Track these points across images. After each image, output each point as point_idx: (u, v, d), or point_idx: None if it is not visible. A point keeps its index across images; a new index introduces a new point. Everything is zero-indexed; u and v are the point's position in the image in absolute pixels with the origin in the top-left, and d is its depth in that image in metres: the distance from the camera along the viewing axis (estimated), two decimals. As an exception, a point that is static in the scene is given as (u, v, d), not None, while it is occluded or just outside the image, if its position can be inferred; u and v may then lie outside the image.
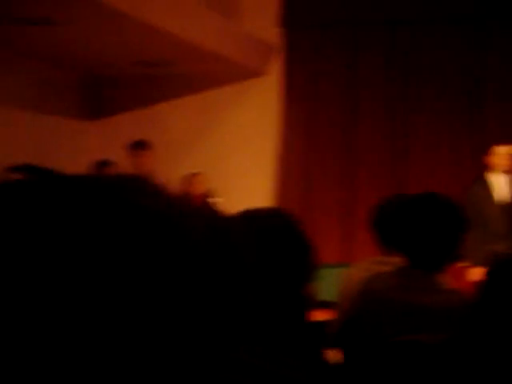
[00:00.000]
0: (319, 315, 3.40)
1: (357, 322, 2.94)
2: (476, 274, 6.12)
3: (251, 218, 1.86)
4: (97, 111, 9.21)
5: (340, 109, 8.58)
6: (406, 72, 8.40)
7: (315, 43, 8.60)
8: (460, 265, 6.15)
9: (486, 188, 6.85)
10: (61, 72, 8.55)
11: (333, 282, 3.69)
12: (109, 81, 9.06)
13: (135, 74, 8.76)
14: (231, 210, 4.39)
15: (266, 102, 8.76)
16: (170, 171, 8.56)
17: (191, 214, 0.80)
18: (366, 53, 8.47)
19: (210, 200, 8.11)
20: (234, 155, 8.80)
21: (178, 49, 7.36)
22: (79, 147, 8.94)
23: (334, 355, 3.21)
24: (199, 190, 7.96)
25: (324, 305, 3.84)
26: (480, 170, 7.15)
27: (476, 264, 6.27)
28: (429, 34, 8.28)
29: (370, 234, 8.28)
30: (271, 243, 1.82)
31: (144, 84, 8.96)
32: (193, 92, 8.94)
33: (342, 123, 8.59)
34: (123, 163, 8.11)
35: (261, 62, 8.59)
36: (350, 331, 3.10)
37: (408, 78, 8.41)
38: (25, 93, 8.05)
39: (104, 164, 7.92)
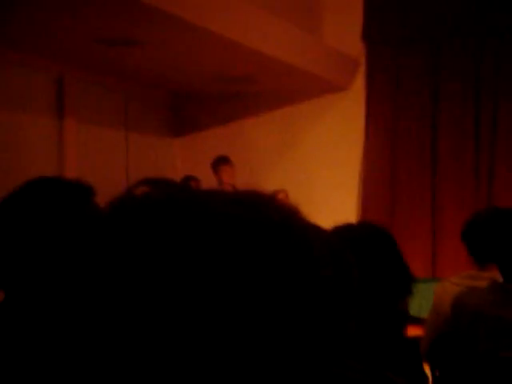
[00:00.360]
0: (410, 331, 3.36)
1: (450, 337, 2.89)
2: None
3: (347, 233, 1.85)
4: (181, 128, 9.33)
5: (422, 123, 8.49)
6: (491, 86, 8.25)
7: (397, 57, 8.54)
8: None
9: None
10: (147, 90, 8.71)
11: (420, 298, 3.64)
12: (192, 98, 9.17)
13: (218, 91, 8.85)
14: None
15: (349, 116, 8.73)
16: (253, 187, 8.60)
17: (313, 230, 0.82)
18: (448, 67, 8.37)
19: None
20: (318, 171, 8.78)
21: (260, 64, 7.41)
22: (164, 163, 9.07)
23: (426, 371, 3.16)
24: (283, 205, 7.96)
25: (414, 320, 3.79)
26: None
27: None
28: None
29: (455, 249, 8.16)
30: (370, 259, 1.81)
31: (227, 100, 9.04)
32: (275, 108, 8.98)
33: (424, 137, 8.50)
34: (207, 179, 8.20)
35: (343, 77, 8.57)
36: (442, 346, 3.06)
37: (492, 92, 8.26)
38: (113, 111, 8.23)
39: (188, 180, 8.03)
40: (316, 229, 0.90)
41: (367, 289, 1.76)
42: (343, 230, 1.88)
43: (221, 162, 8.18)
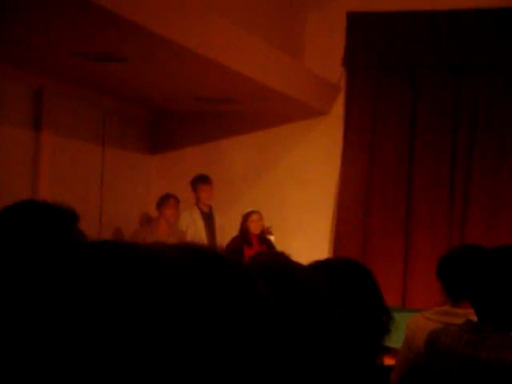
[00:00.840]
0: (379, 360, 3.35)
1: (421, 373, 2.88)
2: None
3: (327, 269, 1.84)
4: (158, 145, 9.30)
5: (399, 150, 8.54)
6: (468, 117, 8.31)
7: (376, 84, 8.59)
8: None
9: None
10: (126, 106, 8.67)
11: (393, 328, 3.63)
12: (171, 116, 9.16)
13: (198, 110, 8.85)
14: (288, 249, 4.36)
15: (327, 140, 8.76)
16: (229, 207, 8.59)
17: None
18: (427, 96, 8.43)
19: (267, 238, 8.11)
20: (293, 193, 8.79)
21: (241, 86, 7.41)
22: (139, 180, 9.03)
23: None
24: (256, 227, 7.96)
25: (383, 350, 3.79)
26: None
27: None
28: (494, 82, 8.19)
29: (426, 279, 8.18)
30: (350, 296, 1.80)
31: (206, 120, 9.04)
32: (254, 129, 8.99)
33: (401, 164, 8.54)
34: (182, 198, 8.18)
35: (323, 101, 8.60)
36: (413, 381, 3.04)
37: (469, 122, 8.32)
38: (91, 125, 8.19)
39: (167, 197, 8.02)
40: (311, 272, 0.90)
41: (346, 327, 1.74)
42: (322, 267, 1.87)
43: (200, 181, 8.19)
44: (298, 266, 1.37)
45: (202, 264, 0.79)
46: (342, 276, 1.86)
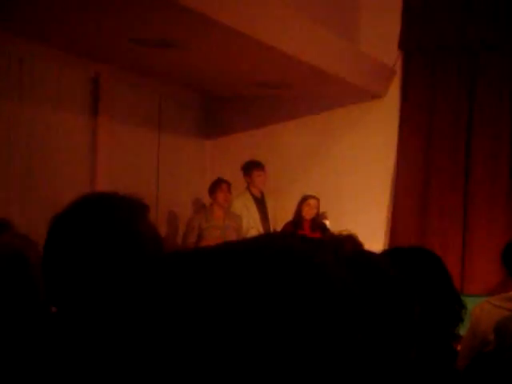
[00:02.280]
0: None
1: (489, 360, 2.84)
2: None
3: (401, 258, 1.82)
4: (213, 130, 9.32)
5: (457, 133, 8.42)
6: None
7: (433, 67, 8.48)
8: None
9: None
10: (181, 91, 8.70)
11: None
12: (226, 100, 9.16)
13: (252, 95, 8.83)
14: (344, 233, 4.33)
15: (383, 124, 8.68)
16: (284, 192, 8.58)
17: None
18: (484, 77, 8.29)
19: (322, 222, 8.09)
20: (349, 178, 8.73)
21: (296, 70, 7.37)
22: (194, 165, 9.07)
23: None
24: (312, 212, 7.94)
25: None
26: None
27: None
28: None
29: (484, 265, 8.09)
30: (424, 285, 1.78)
31: (260, 104, 9.02)
32: (309, 113, 8.94)
33: (459, 147, 8.42)
34: (236, 182, 8.19)
35: (378, 85, 8.52)
36: (480, 369, 3.00)
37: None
38: (147, 111, 8.24)
39: (219, 182, 8.03)
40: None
41: (423, 317, 1.72)
42: (395, 255, 1.84)
43: (254, 167, 8.17)
44: (378, 255, 1.36)
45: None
46: (415, 265, 1.84)
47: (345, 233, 3.14)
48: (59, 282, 1.60)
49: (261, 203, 8.25)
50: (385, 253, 1.88)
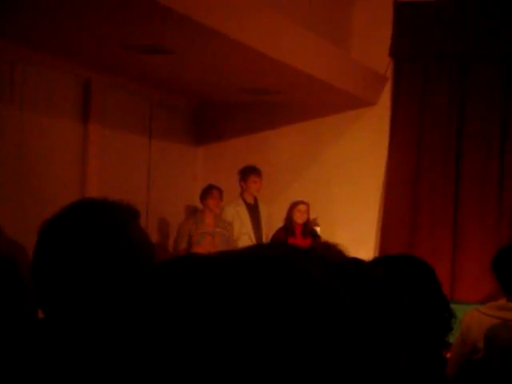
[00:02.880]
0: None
1: (478, 368, 2.84)
2: None
3: (391, 267, 1.82)
4: (204, 137, 9.32)
5: (447, 140, 8.44)
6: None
7: (424, 74, 8.50)
8: None
9: None
10: (172, 97, 8.70)
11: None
12: (217, 107, 9.16)
13: (243, 101, 8.84)
14: (334, 239, 4.33)
15: (374, 131, 8.69)
16: (273, 199, 8.58)
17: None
18: (475, 86, 8.32)
19: (313, 229, 8.09)
20: (340, 184, 8.75)
21: (287, 77, 7.38)
22: (185, 171, 9.06)
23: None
24: (303, 217, 7.94)
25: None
26: None
27: None
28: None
29: (474, 270, 8.09)
30: (415, 293, 1.78)
31: (252, 111, 9.02)
32: (300, 120, 8.95)
33: (449, 155, 8.44)
34: (227, 189, 8.19)
35: (370, 92, 8.54)
36: (469, 376, 3.01)
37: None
38: (138, 117, 8.23)
39: (211, 188, 8.02)
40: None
41: (412, 325, 1.72)
42: (384, 263, 1.84)
43: (251, 172, 8.17)
44: (368, 263, 1.36)
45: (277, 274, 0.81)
46: (404, 273, 1.84)
47: (332, 242, 3.15)
48: (49, 288, 1.59)
49: (253, 210, 8.25)
50: (375, 260, 1.88)
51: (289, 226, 7.93)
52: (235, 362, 0.73)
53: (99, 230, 1.58)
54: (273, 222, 8.24)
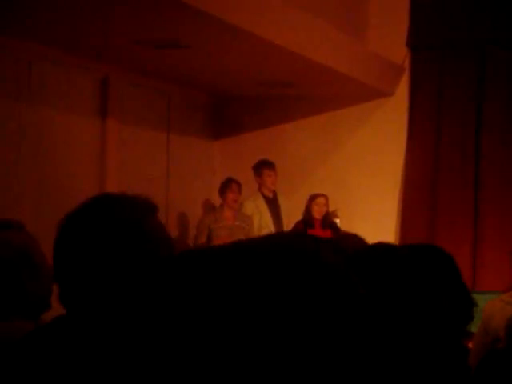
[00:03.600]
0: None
1: (501, 357, 2.83)
2: None
3: (414, 256, 1.81)
4: (221, 131, 9.32)
5: (466, 130, 8.40)
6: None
7: (441, 64, 8.46)
8: None
9: None
10: (189, 92, 8.71)
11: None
12: (234, 101, 9.16)
13: (260, 95, 8.82)
14: (354, 231, 4.32)
15: (392, 122, 8.66)
16: (292, 192, 8.57)
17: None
18: (493, 74, 8.26)
19: (333, 221, 8.08)
20: (358, 177, 8.72)
21: (304, 69, 7.37)
22: (203, 165, 9.07)
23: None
24: (322, 211, 7.93)
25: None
26: None
27: None
28: None
29: (495, 261, 8.04)
30: (436, 283, 1.77)
31: (269, 104, 9.01)
32: (317, 113, 8.93)
33: (468, 145, 8.40)
34: (245, 183, 8.19)
35: (387, 83, 8.50)
36: (492, 366, 2.99)
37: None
38: (156, 112, 8.25)
39: (230, 182, 8.02)
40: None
41: (434, 315, 1.71)
42: (407, 254, 1.83)
43: (265, 166, 8.15)
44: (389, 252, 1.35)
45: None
46: (425, 263, 1.83)
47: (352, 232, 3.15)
48: (69, 283, 1.60)
49: (273, 204, 8.23)
50: (400, 250, 1.88)
51: (308, 220, 7.92)
52: (255, 346, 0.74)
53: (118, 225, 1.59)
54: (292, 215, 8.23)
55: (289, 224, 8.15)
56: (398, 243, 8.40)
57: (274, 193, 8.29)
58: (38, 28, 5.96)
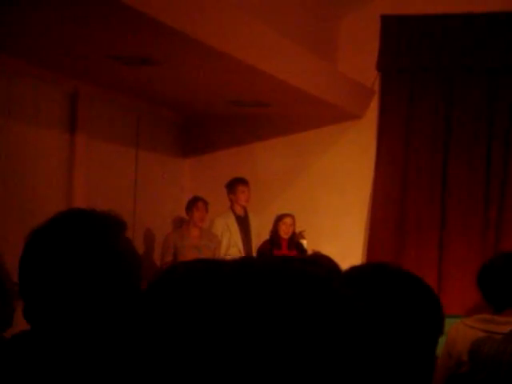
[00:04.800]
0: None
1: (463, 381, 2.85)
2: None
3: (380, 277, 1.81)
4: (191, 148, 9.31)
5: (434, 154, 8.48)
6: (504, 122, 8.24)
7: (410, 87, 8.55)
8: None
9: None
10: (159, 109, 8.70)
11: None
12: (204, 119, 9.16)
13: (231, 114, 8.84)
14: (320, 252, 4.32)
15: (361, 144, 8.72)
16: (261, 211, 8.58)
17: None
18: (461, 99, 8.37)
19: (299, 242, 8.09)
20: (327, 198, 8.75)
21: (274, 90, 7.40)
22: (172, 183, 9.05)
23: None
24: (289, 231, 7.94)
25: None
26: None
27: None
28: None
29: (461, 284, 8.09)
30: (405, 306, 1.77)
31: (239, 123, 9.03)
32: (287, 133, 8.96)
33: (435, 168, 8.48)
34: (214, 201, 8.18)
35: (357, 105, 8.56)
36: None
37: (505, 127, 8.25)
38: (125, 128, 8.22)
39: (196, 200, 8.01)
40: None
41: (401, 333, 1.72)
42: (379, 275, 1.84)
43: (239, 182, 8.16)
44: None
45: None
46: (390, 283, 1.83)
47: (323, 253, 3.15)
48: (35, 298, 1.58)
49: (243, 221, 8.23)
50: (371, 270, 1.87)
51: (274, 239, 7.93)
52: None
53: (87, 241, 1.57)
54: (261, 233, 8.24)
55: (258, 242, 8.15)
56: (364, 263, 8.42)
57: (245, 211, 8.29)
58: (7, 40, 5.92)
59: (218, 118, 9.07)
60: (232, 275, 0.79)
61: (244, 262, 0.82)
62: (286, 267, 0.81)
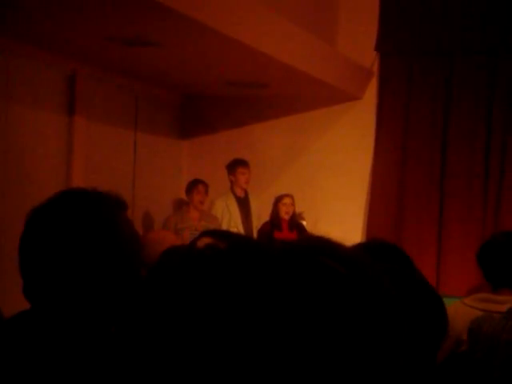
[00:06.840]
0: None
1: (462, 360, 2.86)
2: None
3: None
4: (190, 130, 9.30)
5: (433, 134, 8.47)
6: (504, 102, 8.22)
7: (410, 69, 8.52)
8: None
9: None
10: (158, 90, 8.68)
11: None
12: (203, 100, 9.15)
13: (230, 95, 8.82)
14: (320, 233, 4.34)
15: (360, 125, 8.71)
16: (261, 192, 8.58)
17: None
18: (460, 80, 8.34)
19: (299, 222, 8.10)
20: (325, 178, 8.75)
21: (273, 70, 7.38)
22: (171, 164, 9.04)
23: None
24: (289, 211, 7.95)
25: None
26: None
27: None
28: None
29: (460, 264, 8.11)
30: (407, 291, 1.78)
31: (238, 104, 9.01)
32: (286, 114, 8.95)
33: (434, 149, 8.47)
34: (212, 182, 8.18)
35: (356, 86, 8.55)
36: (454, 368, 3.02)
37: (505, 108, 8.23)
38: (123, 110, 8.20)
39: (196, 183, 8.01)
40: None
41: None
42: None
43: (239, 164, 8.16)
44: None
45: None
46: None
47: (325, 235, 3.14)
48: (36, 278, 1.58)
49: (243, 203, 8.23)
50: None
51: (275, 220, 7.94)
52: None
53: (87, 220, 1.57)
54: (262, 215, 8.25)
55: (259, 224, 8.16)
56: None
57: (246, 192, 8.29)
58: (5, 23, 5.90)
59: (217, 99, 9.05)
60: (237, 261, 0.80)
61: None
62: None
